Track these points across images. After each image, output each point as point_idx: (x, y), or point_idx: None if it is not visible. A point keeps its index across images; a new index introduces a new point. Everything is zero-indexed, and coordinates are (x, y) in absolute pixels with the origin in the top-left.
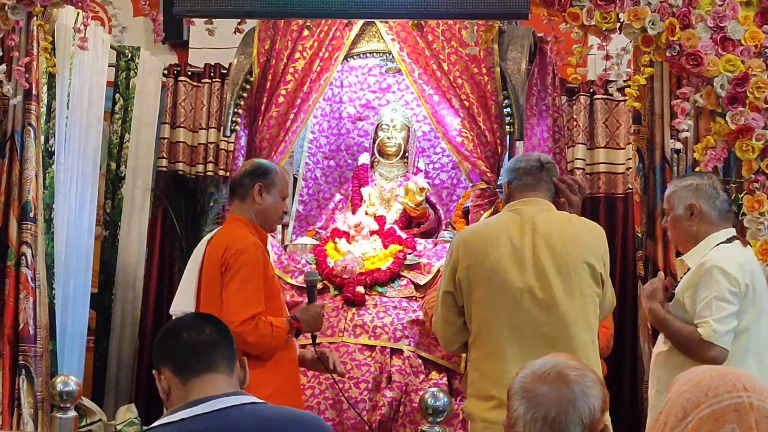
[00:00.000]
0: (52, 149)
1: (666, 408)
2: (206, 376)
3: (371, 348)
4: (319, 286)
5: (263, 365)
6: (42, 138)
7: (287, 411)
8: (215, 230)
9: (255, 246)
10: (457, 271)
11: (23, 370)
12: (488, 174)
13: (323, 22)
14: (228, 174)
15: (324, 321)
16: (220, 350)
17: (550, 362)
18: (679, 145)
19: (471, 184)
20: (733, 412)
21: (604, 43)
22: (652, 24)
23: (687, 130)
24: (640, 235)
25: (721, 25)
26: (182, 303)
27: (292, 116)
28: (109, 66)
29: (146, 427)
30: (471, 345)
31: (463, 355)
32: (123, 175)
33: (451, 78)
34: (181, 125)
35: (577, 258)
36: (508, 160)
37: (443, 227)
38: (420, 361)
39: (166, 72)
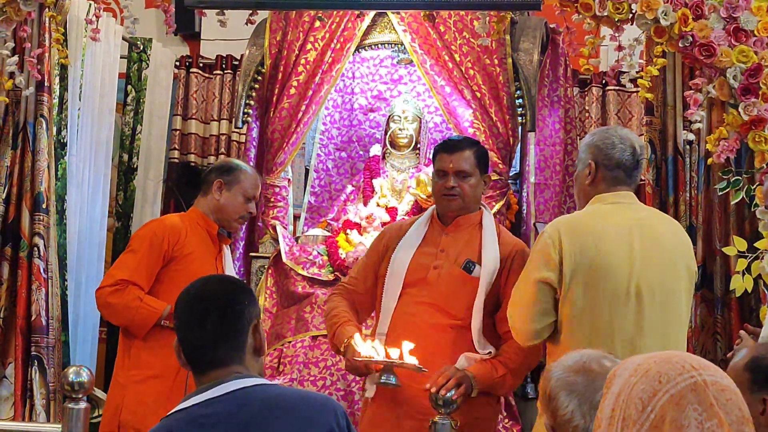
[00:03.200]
0: (65, 141)
1: (619, 403)
2: (212, 372)
3: None
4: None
5: (148, 347)
6: (54, 129)
7: (298, 392)
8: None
9: (157, 222)
10: (563, 260)
11: (36, 361)
12: (500, 165)
13: (335, 13)
14: None
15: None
16: (225, 346)
17: (582, 354)
18: (691, 137)
19: None
20: (691, 392)
21: (616, 34)
22: (665, 15)
23: (699, 121)
24: None
25: (734, 15)
26: None
27: (303, 107)
28: (121, 57)
29: (169, 413)
30: (559, 341)
31: None
32: (135, 166)
33: (463, 69)
34: (193, 117)
35: (681, 259)
36: (520, 151)
37: None
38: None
39: (177, 63)
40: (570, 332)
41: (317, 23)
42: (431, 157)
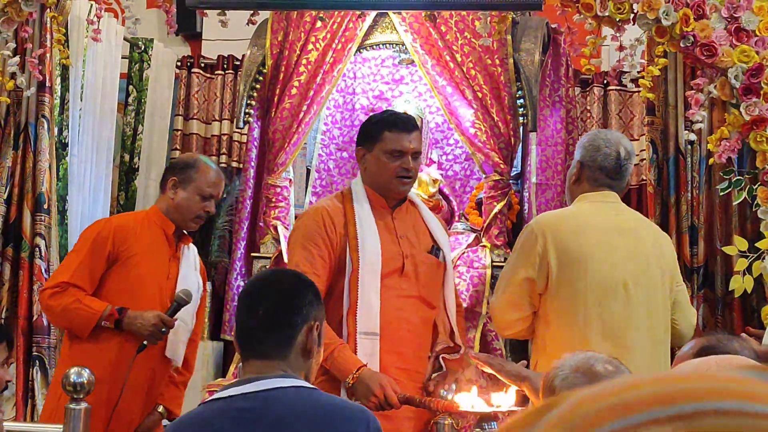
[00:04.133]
0: (66, 141)
1: None
2: (255, 361)
3: None
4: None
5: (87, 348)
6: (55, 130)
7: (333, 400)
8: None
9: (105, 224)
10: (547, 257)
11: (37, 362)
12: (501, 165)
13: (336, 13)
14: (241, 165)
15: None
16: (270, 337)
17: (586, 356)
18: (692, 137)
19: (484, 176)
20: None
21: (617, 34)
22: (666, 14)
23: (701, 121)
24: None
25: (736, 15)
26: None
27: (305, 108)
28: (122, 58)
29: (206, 400)
30: (544, 336)
31: (476, 346)
32: (136, 166)
33: (464, 69)
34: (195, 117)
35: (659, 259)
36: (522, 151)
37: (456, 219)
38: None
39: (179, 64)
40: (558, 327)
41: (318, 23)
42: (375, 134)
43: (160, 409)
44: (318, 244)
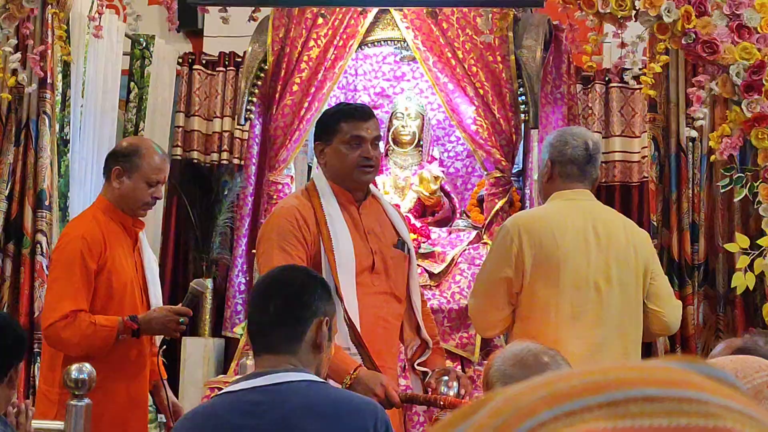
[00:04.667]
0: (67, 138)
1: None
2: (266, 356)
3: None
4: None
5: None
6: (57, 126)
7: (342, 394)
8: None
9: (79, 240)
10: (522, 256)
11: (38, 358)
12: (503, 162)
13: (337, 9)
14: (242, 162)
15: None
16: (280, 331)
17: (523, 347)
18: (694, 134)
19: (486, 173)
20: (767, 388)
21: (619, 31)
22: (668, 11)
23: (702, 118)
24: (655, 223)
25: (737, 12)
26: None
27: (306, 104)
28: (123, 54)
29: (215, 394)
30: (521, 333)
31: (477, 343)
32: None
33: (466, 66)
34: (196, 114)
35: (633, 254)
36: (523, 148)
37: (458, 216)
38: None
39: (180, 60)
40: (533, 325)
41: (320, 20)
42: (332, 125)
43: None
44: (294, 245)
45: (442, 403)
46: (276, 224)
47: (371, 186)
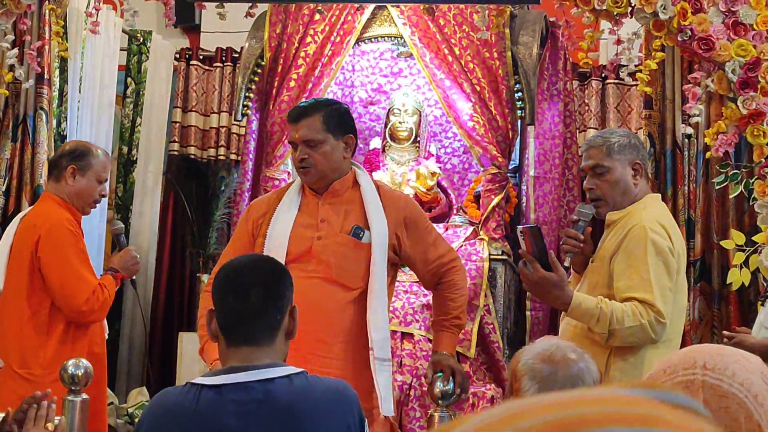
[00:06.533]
0: (64, 133)
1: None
2: (245, 348)
3: None
4: None
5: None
6: (54, 122)
7: (322, 382)
8: (30, 208)
9: (68, 222)
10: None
11: None
12: (499, 158)
13: (334, 6)
14: (239, 158)
15: None
16: (262, 321)
17: (551, 344)
18: (690, 130)
19: (482, 169)
20: (683, 389)
21: (615, 28)
22: (664, 8)
23: (698, 115)
24: None
25: (733, 9)
26: None
27: (303, 100)
28: (120, 50)
29: (188, 386)
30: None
31: (473, 339)
32: (135, 159)
33: (463, 62)
34: (193, 109)
35: None
36: (520, 144)
37: (454, 212)
38: (430, 345)
39: (177, 56)
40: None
41: (317, 16)
42: None
43: None
44: (239, 236)
45: None
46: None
47: (361, 177)
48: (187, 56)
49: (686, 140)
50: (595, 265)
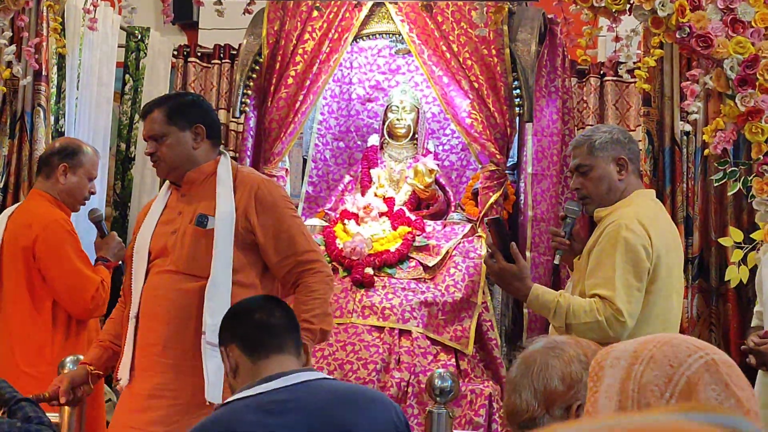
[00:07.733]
0: (62, 130)
1: (629, 393)
2: (276, 356)
3: (380, 329)
4: None
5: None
6: (52, 119)
7: (356, 387)
8: (16, 205)
9: (64, 221)
10: (652, 259)
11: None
12: (497, 156)
13: (332, 2)
14: (237, 155)
15: (333, 302)
16: (289, 334)
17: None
18: (688, 127)
19: (480, 166)
20: (706, 372)
21: (614, 25)
22: (662, 5)
23: (696, 112)
24: None
25: (732, 6)
26: None
27: (301, 97)
28: (118, 47)
29: (225, 401)
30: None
31: (471, 336)
32: (133, 156)
33: (461, 59)
34: None
35: None
36: (518, 141)
37: (452, 209)
38: (428, 342)
39: (175, 53)
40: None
41: (315, 13)
42: None
43: None
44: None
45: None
46: None
47: (221, 164)
48: (185, 53)
49: (685, 137)
50: (580, 263)
